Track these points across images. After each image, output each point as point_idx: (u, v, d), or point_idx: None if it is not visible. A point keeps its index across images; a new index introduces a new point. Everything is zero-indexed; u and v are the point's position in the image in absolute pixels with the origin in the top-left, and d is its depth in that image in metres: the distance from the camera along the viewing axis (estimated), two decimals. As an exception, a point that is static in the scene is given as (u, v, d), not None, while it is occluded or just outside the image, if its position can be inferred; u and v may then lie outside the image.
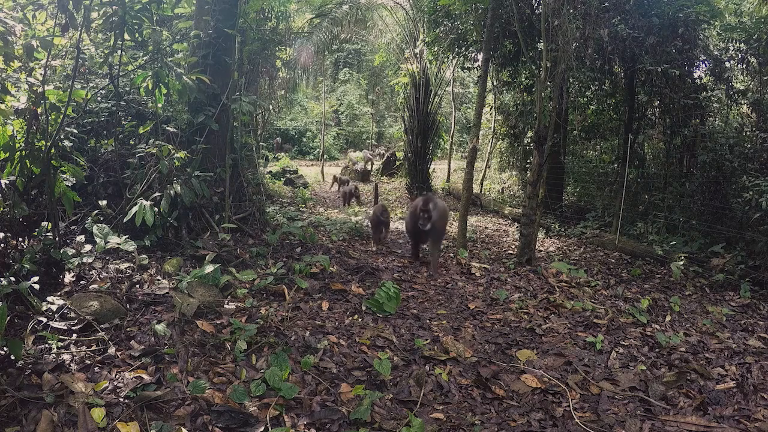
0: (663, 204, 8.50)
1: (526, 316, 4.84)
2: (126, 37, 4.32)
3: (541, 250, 8.09)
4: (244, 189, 6.33)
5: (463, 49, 10.86)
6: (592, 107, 10.86)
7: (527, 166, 12.07)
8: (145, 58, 5.55)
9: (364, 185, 19.03)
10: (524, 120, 12.31)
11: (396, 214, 12.67)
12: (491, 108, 14.69)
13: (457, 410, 3.11)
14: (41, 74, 3.69)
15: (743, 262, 6.35)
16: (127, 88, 5.63)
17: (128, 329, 3.29)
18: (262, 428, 2.59)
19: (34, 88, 3.58)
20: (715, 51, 8.47)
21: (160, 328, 3.22)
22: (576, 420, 3.03)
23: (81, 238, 4.21)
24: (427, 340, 4.04)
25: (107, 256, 4.28)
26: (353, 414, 2.80)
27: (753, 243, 6.45)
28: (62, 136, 3.99)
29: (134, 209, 4.46)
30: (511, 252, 7.81)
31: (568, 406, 3.19)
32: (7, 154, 3.50)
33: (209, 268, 4.10)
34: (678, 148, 8.61)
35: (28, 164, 3.56)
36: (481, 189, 14.94)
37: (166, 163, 4.72)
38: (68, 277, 3.74)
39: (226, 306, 3.92)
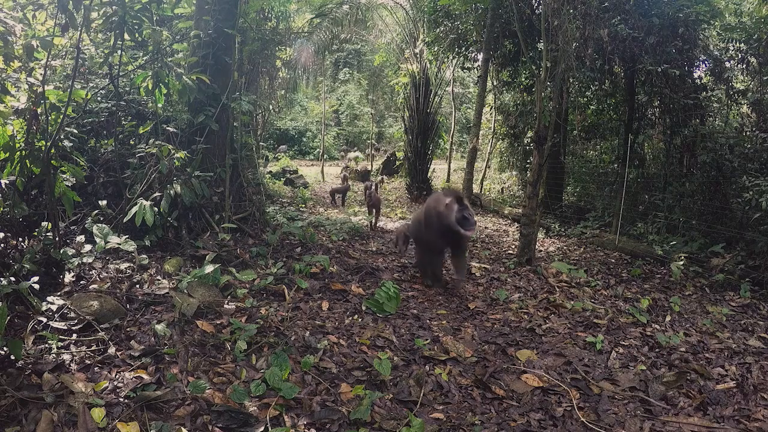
0: (663, 204, 8.49)
1: (526, 316, 4.84)
2: (126, 37, 4.33)
3: (541, 250, 8.09)
4: (244, 189, 6.33)
5: (463, 49, 10.87)
6: (592, 107, 10.85)
7: (527, 166, 12.06)
8: (145, 58, 5.55)
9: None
10: (524, 120, 12.30)
11: (396, 214, 12.67)
12: (491, 108, 14.68)
13: (457, 410, 3.11)
14: (41, 74, 3.69)
15: (743, 262, 6.34)
16: (127, 88, 5.63)
17: (128, 329, 3.29)
18: (262, 428, 2.59)
19: (34, 88, 3.58)
20: (715, 51, 8.47)
21: (160, 328, 3.22)
22: (576, 420, 3.03)
23: (81, 238, 4.21)
24: (427, 340, 4.04)
25: (107, 256, 4.28)
26: (353, 414, 2.80)
27: (753, 243, 6.45)
28: (62, 136, 3.99)
29: (134, 209, 4.47)
30: (511, 252, 7.81)
31: (568, 406, 3.19)
32: (7, 154, 3.51)
33: (209, 268, 4.10)
34: (678, 148, 8.60)
35: (28, 164, 3.57)
36: (481, 189, 14.94)
37: (166, 163, 4.72)
38: (68, 277, 3.74)
39: (226, 306, 3.92)
